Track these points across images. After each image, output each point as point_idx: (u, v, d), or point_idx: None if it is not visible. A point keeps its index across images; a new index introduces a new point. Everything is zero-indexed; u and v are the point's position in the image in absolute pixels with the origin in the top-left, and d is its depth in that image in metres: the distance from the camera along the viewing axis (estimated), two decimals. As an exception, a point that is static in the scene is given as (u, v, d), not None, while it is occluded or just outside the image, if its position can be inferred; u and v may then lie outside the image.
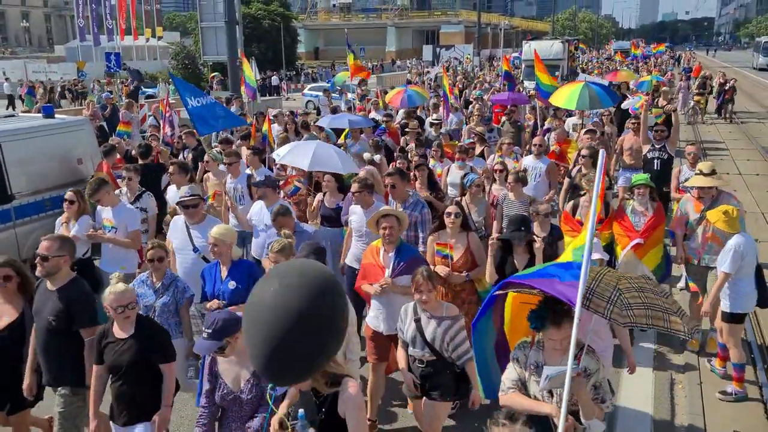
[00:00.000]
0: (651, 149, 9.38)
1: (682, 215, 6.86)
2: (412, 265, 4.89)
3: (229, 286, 5.06)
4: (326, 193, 7.29)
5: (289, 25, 49.66)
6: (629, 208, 6.65)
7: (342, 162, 7.58)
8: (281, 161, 7.83)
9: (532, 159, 8.92)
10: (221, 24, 20.64)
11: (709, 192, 6.57)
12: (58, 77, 39.88)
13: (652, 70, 32.23)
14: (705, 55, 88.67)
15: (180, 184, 7.30)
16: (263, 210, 6.59)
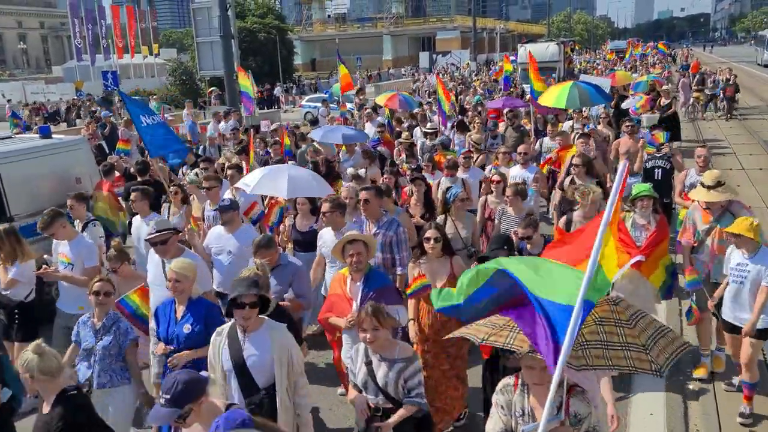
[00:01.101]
0: (651, 157, 8.89)
1: (690, 226, 6.30)
2: (383, 295, 4.60)
3: (184, 330, 4.55)
4: (297, 216, 6.95)
5: (285, 37, 49.75)
6: (629, 221, 6.10)
7: (318, 185, 7.15)
8: (253, 191, 7.09)
9: (519, 169, 8.51)
10: (217, 38, 20.65)
11: (713, 205, 6.05)
12: (57, 98, 40.00)
13: (650, 69, 32.22)
14: (702, 51, 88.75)
15: (144, 213, 6.94)
16: (225, 236, 6.11)
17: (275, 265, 5.27)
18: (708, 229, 6.10)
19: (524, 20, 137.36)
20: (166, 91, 41.50)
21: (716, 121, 22.58)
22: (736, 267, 5.33)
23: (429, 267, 5.22)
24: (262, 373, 3.93)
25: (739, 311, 5.40)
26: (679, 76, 32.34)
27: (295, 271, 5.37)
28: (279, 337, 3.98)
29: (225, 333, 4.04)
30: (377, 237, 5.77)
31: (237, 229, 6.10)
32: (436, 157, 9.83)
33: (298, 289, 5.35)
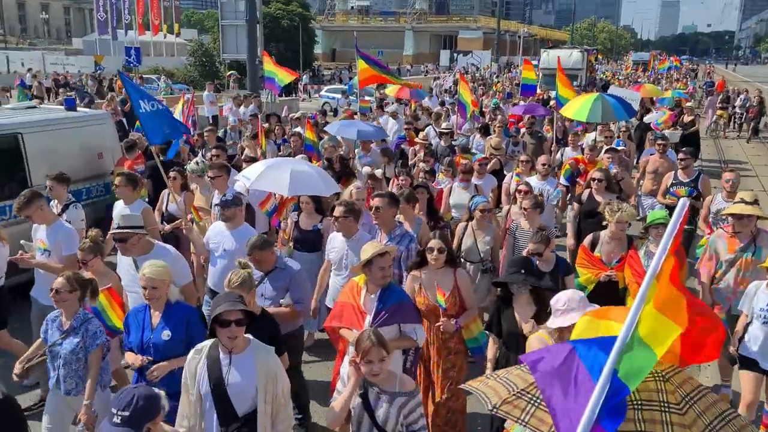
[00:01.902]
0: (676, 183, 8.22)
1: (712, 255, 5.86)
2: (399, 313, 4.26)
3: (163, 337, 4.14)
4: (301, 214, 6.57)
5: (308, 25, 49.72)
6: (643, 249, 5.74)
7: (323, 182, 6.61)
8: (253, 186, 6.64)
9: (537, 180, 8.00)
10: (242, 22, 20.65)
11: (747, 226, 5.58)
12: (76, 70, 40.03)
13: (674, 83, 31.98)
14: (725, 68, 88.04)
15: (128, 200, 6.51)
16: (224, 233, 5.72)
17: (271, 268, 4.94)
18: (732, 259, 5.67)
19: (547, 25, 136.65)
20: (186, 71, 41.56)
21: (738, 140, 22.33)
22: (766, 308, 4.87)
23: (430, 279, 4.83)
24: (244, 401, 3.56)
25: None
26: (705, 95, 32.08)
27: (292, 275, 4.97)
28: (265, 362, 3.60)
29: (204, 352, 3.62)
30: None
31: (237, 226, 5.70)
32: (457, 159, 9.56)
33: (295, 295, 4.96)
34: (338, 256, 5.59)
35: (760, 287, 4.95)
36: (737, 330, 5.16)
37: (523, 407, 2.37)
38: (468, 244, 6.23)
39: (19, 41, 73.88)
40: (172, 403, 3.72)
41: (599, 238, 5.92)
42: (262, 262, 4.87)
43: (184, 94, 14.18)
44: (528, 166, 8.53)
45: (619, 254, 5.68)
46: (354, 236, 5.52)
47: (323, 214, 6.49)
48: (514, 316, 4.42)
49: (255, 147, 10.44)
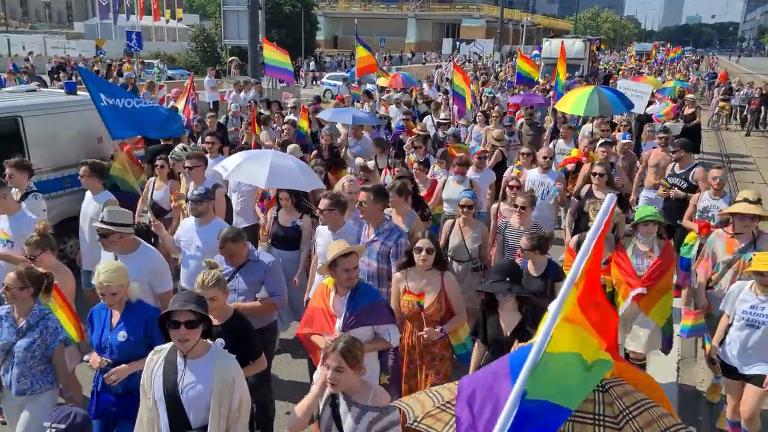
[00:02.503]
0: (670, 174, 8.03)
1: (709, 255, 5.65)
2: (372, 313, 4.06)
3: (119, 338, 3.99)
4: (280, 210, 6.29)
5: (310, 12, 49.44)
6: (631, 247, 5.43)
7: (305, 177, 6.28)
8: (229, 177, 6.35)
9: (538, 173, 7.73)
10: (244, 8, 20.52)
11: (749, 227, 5.34)
12: (77, 54, 39.92)
13: (676, 73, 31.84)
14: (728, 60, 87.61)
15: (95, 190, 6.26)
16: (196, 229, 5.45)
17: (243, 261, 4.75)
18: (730, 261, 5.44)
19: (551, 14, 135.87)
20: (187, 57, 41.44)
21: (739, 133, 22.26)
22: (750, 310, 4.64)
23: (417, 280, 4.62)
24: (197, 410, 3.35)
25: (751, 359, 4.72)
26: (707, 86, 31.88)
27: (266, 268, 4.78)
28: (223, 370, 3.38)
29: (163, 354, 3.47)
30: (374, 245, 5.23)
31: (209, 222, 5.43)
32: (450, 149, 9.31)
33: (271, 287, 4.78)
34: (325, 249, 5.28)
35: (743, 288, 4.74)
36: (718, 332, 4.97)
37: (447, 420, 2.27)
38: (455, 242, 6.03)
39: (21, 24, 73.58)
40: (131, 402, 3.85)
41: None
42: (234, 255, 4.68)
43: (192, 77, 14.17)
44: (529, 158, 8.24)
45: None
46: (340, 229, 5.39)
47: (304, 210, 6.26)
48: (499, 323, 4.20)
49: (250, 134, 10.43)
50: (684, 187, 7.70)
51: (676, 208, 7.60)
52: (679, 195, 7.64)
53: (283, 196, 6.21)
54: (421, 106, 15.15)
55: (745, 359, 4.72)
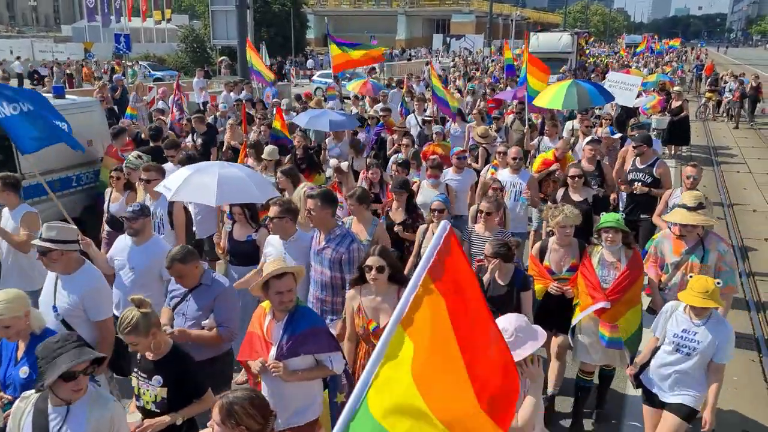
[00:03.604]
0: (633, 169, 7.73)
1: (657, 256, 5.49)
2: (309, 342, 3.70)
3: (21, 374, 3.62)
4: (235, 223, 5.94)
5: (299, 10, 49.36)
6: (596, 257, 5.08)
7: (258, 187, 5.81)
8: (175, 197, 5.72)
9: (509, 173, 7.33)
10: (232, 8, 20.54)
11: (693, 231, 5.17)
12: (65, 57, 39.78)
13: (663, 66, 31.99)
14: (716, 51, 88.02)
15: (11, 205, 5.77)
16: (131, 249, 5.08)
17: (196, 285, 4.38)
18: (678, 262, 5.28)
19: (541, 8, 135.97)
20: (176, 58, 41.36)
21: (727, 125, 22.39)
22: (682, 334, 4.28)
23: (372, 299, 4.28)
24: None
25: (674, 387, 4.36)
26: (695, 78, 31.91)
27: (218, 293, 4.37)
28: (99, 418, 3.05)
29: (32, 401, 3.12)
30: (326, 252, 4.96)
31: (146, 240, 5.10)
32: (431, 147, 9.15)
33: (219, 316, 4.33)
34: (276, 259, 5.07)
35: (677, 309, 4.38)
36: (644, 354, 4.63)
37: None
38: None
39: (8, 29, 73.17)
40: None
41: (548, 245, 5.42)
42: (184, 276, 4.31)
43: (179, 78, 14.29)
44: (506, 158, 7.69)
45: (569, 262, 5.24)
46: (292, 237, 5.12)
47: (258, 222, 5.94)
48: None
49: (239, 135, 10.41)
50: (648, 181, 7.53)
51: (643, 202, 7.46)
52: (643, 190, 7.50)
53: (235, 210, 5.88)
54: (409, 104, 15.20)
55: (668, 386, 4.38)
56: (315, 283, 5.02)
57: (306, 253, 5.08)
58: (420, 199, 7.01)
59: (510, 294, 4.77)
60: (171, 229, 6.21)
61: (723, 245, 5.22)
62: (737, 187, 13.51)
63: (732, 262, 5.22)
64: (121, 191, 7.02)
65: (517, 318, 3.35)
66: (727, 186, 13.47)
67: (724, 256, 5.15)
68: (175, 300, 4.46)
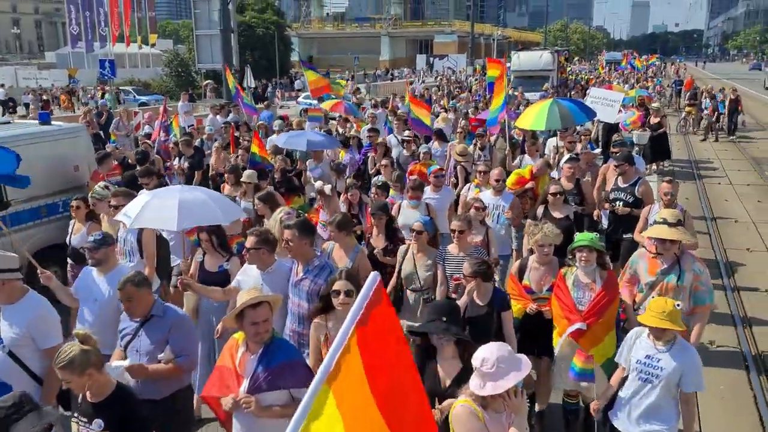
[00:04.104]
0: (615, 188, 7.64)
1: (632, 275, 5.35)
2: (286, 376, 3.49)
3: None
4: (206, 253, 5.66)
5: (283, 33, 49.79)
6: (571, 278, 4.91)
7: (222, 209, 5.46)
8: (134, 226, 5.44)
9: (491, 195, 7.22)
10: (216, 32, 20.76)
11: (670, 249, 5.02)
12: (49, 84, 39.79)
13: (643, 82, 32.51)
14: (694, 66, 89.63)
15: None
16: (95, 279, 4.91)
17: (146, 317, 4.15)
18: (653, 282, 5.11)
19: (521, 27, 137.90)
20: (161, 82, 41.45)
21: (708, 140, 22.53)
22: (645, 360, 4.03)
23: (339, 326, 3.84)
24: None
25: (641, 420, 4.09)
26: (674, 94, 32.32)
27: (173, 323, 4.13)
28: None
29: None
30: (304, 283, 4.78)
31: (110, 269, 4.90)
32: (416, 167, 8.98)
33: (177, 346, 4.07)
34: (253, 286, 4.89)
35: (641, 335, 4.13)
36: (610, 385, 4.38)
37: None
38: (408, 269, 5.64)
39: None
40: None
41: (527, 264, 5.29)
42: (134, 301, 4.08)
43: (165, 102, 14.38)
44: (487, 177, 7.63)
45: (549, 281, 5.10)
46: (270, 267, 4.93)
47: (229, 250, 5.73)
48: (437, 372, 3.73)
49: (224, 159, 10.35)
50: (630, 201, 7.43)
51: (626, 221, 7.33)
52: (625, 211, 7.40)
53: (203, 238, 5.59)
54: (392, 123, 15.26)
55: (636, 419, 4.11)
56: (292, 315, 4.83)
57: (284, 284, 4.91)
58: (401, 221, 6.85)
59: (490, 315, 4.60)
60: (141, 258, 5.98)
61: (698, 265, 5.06)
62: (719, 198, 13.72)
63: (708, 281, 5.06)
64: (83, 222, 6.80)
65: (499, 348, 3.16)
66: (709, 198, 13.68)
67: (700, 276, 5.01)
68: (127, 338, 4.17)
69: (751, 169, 17.03)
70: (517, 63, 29.65)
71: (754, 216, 12.25)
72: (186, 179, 10.54)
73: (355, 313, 1.97)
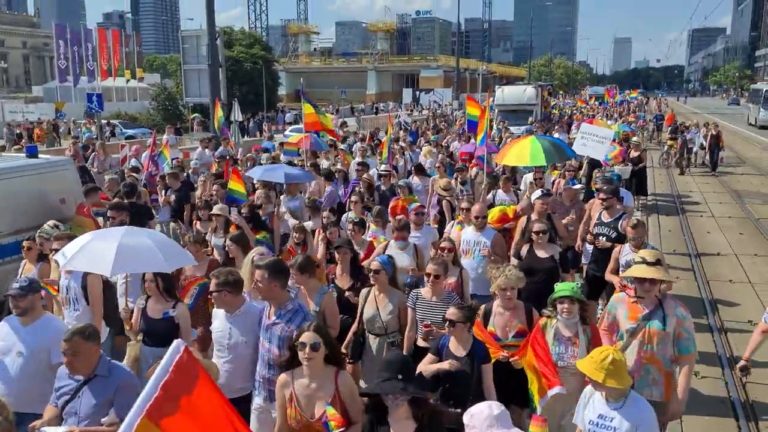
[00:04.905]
0: (598, 223, 7.45)
1: (611, 322, 4.94)
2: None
3: None
4: (149, 298, 5.23)
5: (271, 68, 50.32)
6: (551, 331, 4.59)
7: (165, 254, 5.05)
8: (67, 267, 5.13)
9: (473, 232, 6.92)
10: (204, 66, 20.96)
11: (651, 290, 4.62)
12: (36, 117, 39.76)
13: (626, 116, 33.09)
14: (676, 101, 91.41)
15: None
16: (18, 330, 4.51)
17: (89, 375, 3.83)
18: (635, 329, 4.67)
19: (506, 62, 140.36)
20: (149, 116, 41.59)
21: (692, 176, 22.73)
22: (598, 421, 3.74)
23: (306, 385, 3.77)
24: None
25: None
26: (656, 128, 32.85)
27: (119, 384, 3.84)
28: None
29: None
30: (275, 328, 4.41)
31: (36, 319, 4.54)
32: (398, 203, 8.76)
33: (123, 410, 3.58)
34: (221, 336, 4.65)
35: (594, 393, 3.83)
36: None
37: None
38: (370, 313, 5.33)
39: (-22, 90, 73.04)
40: None
41: (492, 308, 5.00)
42: (79, 355, 3.76)
43: (154, 135, 14.43)
44: (470, 213, 7.17)
45: (515, 327, 4.84)
46: (238, 310, 4.64)
47: (176, 296, 5.30)
48: None
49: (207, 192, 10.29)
50: (613, 236, 7.21)
51: (610, 256, 6.95)
52: (605, 245, 7.19)
53: (147, 278, 5.17)
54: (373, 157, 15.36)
55: None
56: (263, 361, 4.48)
57: (253, 328, 4.58)
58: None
59: (470, 367, 4.27)
60: (87, 305, 5.63)
61: (681, 310, 4.68)
62: (701, 230, 13.90)
63: (691, 328, 4.72)
64: (34, 262, 6.44)
65: (488, 407, 3.03)
66: (692, 230, 13.85)
67: (683, 322, 4.63)
68: (65, 398, 3.84)
69: (733, 202, 17.30)
70: (501, 97, 30.11)
71: (736, 248, 12.41)
72: (172, 212, 10.56)
73: (148, 395, 1.84)
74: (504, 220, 7.96)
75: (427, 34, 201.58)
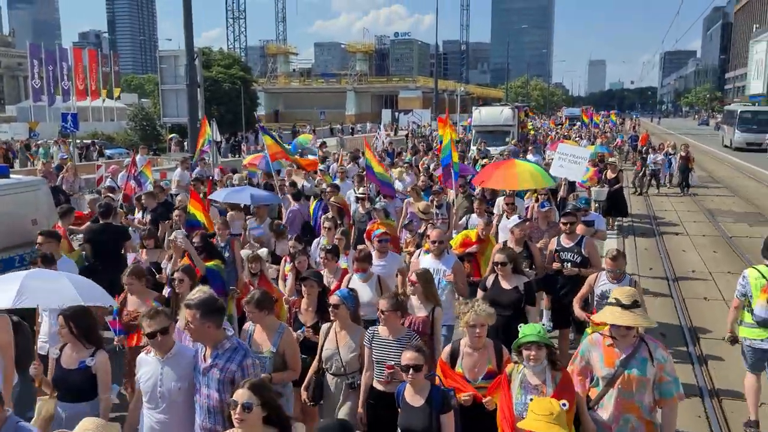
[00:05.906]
0: (558, 248, 7.13)
1: (584, 367, 4.48)
2: None
3: None
4: (65, 346, 4.65)
5: (250, 88, 50.30)
6: (517, 378, 4.15)
7: (80, 291, 4.63)
8: None
9: (431, 259, 6.53)
10: (182, 86, 20.87)
11: (627, 335, 4.25)
12: (9, 137, 39.24)
13: (600, 137, 33.58)
14: (649, 122, 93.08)
15: None
16: None
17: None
18: (613, 376, 4.26)
19: (483, 84, 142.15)
20: (125, 136, 41.25)
21: (668, 197, 23.00)
22: None
23: None
24: None
25: None
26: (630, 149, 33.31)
27: None
28: None
29: None
30: (213, 372, 3.97)
31: None
32: (375, 227, 8.24)
33: None
34: (151, 383, 4.10)
35: None
36: None
37: None
38: (329, 351, 4.95)
39: (-50, 109, 71.94)
40: None
41: (459, 348, 4.58)
42: None
43: (134, 156, 14.32)
44: (440, 247, 6.64)
45: (485, 368, 4.47)
46: (170, 352, 4.12)
47: (96, 343, 4.63)
48: None
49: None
50: (578, 261, 6.99)
51: (575, 282, 6.76)
52: (573, 272, 6.95)
53: (59, 323, 4.57)
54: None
55: None
56: (201, 409, 4.01)
57: (188, 372, 4.10)
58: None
59: (428, 418, 3.94)
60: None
61: (661, 352, 4.28)
62: (677, 249, 14.07)
63: (673, 370, 4.33)
64: None
65: None
66: (668, 249, 14.02)
67: (665, 365, 4.25)
68: None
69: (707, 221, 17.56)
70: (479, 118, 30.33)
71: (711, 266, 12.57)
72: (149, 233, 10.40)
73: None
74: (466, 244, 7.68)
75: (405, 56, 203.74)
